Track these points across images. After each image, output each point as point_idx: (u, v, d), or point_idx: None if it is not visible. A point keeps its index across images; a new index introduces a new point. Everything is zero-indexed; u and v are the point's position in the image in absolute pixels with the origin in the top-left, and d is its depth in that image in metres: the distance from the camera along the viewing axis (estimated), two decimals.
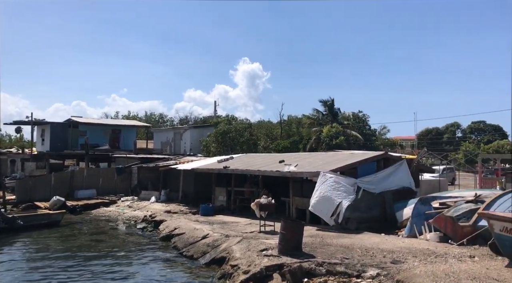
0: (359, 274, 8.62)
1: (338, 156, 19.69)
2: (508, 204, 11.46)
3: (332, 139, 43.29)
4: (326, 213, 14.60)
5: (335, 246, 11.16)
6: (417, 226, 12.90)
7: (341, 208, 14.45)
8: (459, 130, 73.19)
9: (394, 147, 58.77)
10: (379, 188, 15.79)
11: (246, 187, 20.07)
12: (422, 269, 8.19)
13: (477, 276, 7.70)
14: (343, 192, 14.72)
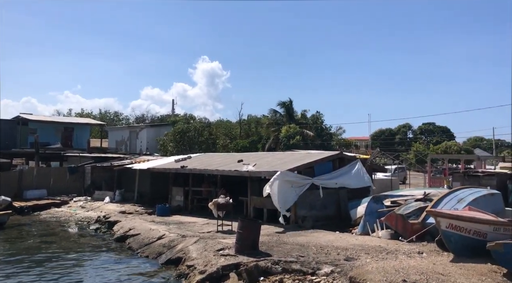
0: (314, 271, 8.79)
1: (296, 156, 19.98)
2: (454, 202, 12.09)
3: (289, 139, 43.87)
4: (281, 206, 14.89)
5: (291, 244, 11.32)
6: (370, 224, 13.32)
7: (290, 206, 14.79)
8: (410, 132, 76.22)
9: (349, 147, 60.32)
10: (338, 185, 16.23)
11: (204, 187, 19.94)
12: (373, 266, 8.46)
13: (424, 271, 8.05)
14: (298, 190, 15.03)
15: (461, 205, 11.62)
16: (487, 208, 11.58)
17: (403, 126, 75.25)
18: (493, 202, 12.56)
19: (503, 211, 12.50)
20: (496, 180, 15.94)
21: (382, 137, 73.43)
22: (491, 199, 12.60)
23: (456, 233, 9.47)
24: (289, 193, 14.98)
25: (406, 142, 71.45)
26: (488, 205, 11.96)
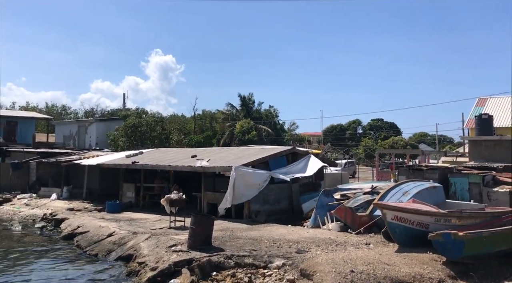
0: (266, 264, 8.93)
1: (250, 151, 20.11)
2: (400, 194, 12.65)
3: (245, 134, 44.04)
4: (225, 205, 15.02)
5: (244, 238, 11.41)
6: (321, 217, 13.67)
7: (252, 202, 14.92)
8: (360, 127, 78.71)
9: (302, 142, 61.49)
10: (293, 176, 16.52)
11: (156, 183, 19.63)
12: (323, 258, 8.71)
13: (371, 262, 8.39)
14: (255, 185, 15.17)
15: (406, 197, 12.18)
16: (430, 200, 12.21)
17: (353, 122, 77.54)
18: (435, 194, 13.26)
19: (444, 202, 13.22)
20: (438, 174, 16.76)
21: (333, 132, 75.33)
22: (433, 192, 13.29)
23: (401, 225, 9.92)
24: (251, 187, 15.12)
25: (356, 137, 73.71)
26: (430, 197, 12.61)
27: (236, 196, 15.13)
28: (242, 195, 15.20)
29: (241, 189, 15.16)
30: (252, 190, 15.24)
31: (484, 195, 15.35)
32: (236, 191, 15.10)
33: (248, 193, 15.24)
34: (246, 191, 15.22)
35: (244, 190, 15.20)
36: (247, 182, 15.26)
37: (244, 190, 15.20)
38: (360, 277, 7.62)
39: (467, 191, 15.81)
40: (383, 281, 7.60)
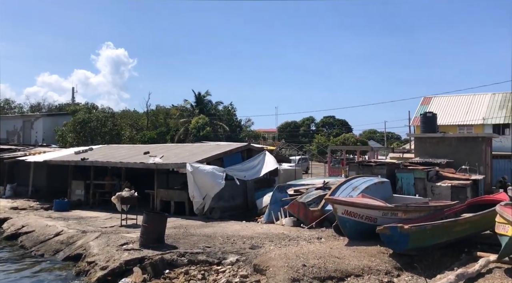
0: (220, 261, 8.93)
1: (205, 147, 19.98)
2: (350, 190, 13.04)
3: (199, 130, 43.66)
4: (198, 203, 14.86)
5: (198, 235, 11.35)
6: (275, 212, 13.85)
7: (208, 198, 14.84)
8: (313, 124, 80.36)
9: (257, 138, 61.83)
10: (248, 175, 16.59)
11: (107, 180, 19.06)
12: (276, 253, 8.83)
13: (322, 255, 8.61)
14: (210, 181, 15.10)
15: (356, 192, 12.58)
16: (378, 194, 12.69)
17: (307, 119, 79.06)
18: (383, 189, 13.80)
19: (391, 197, 13.79)
20: (386, 169, 17.44)
21: (288, 129, 76.41)
22: (381, 187, 13.82)
23: (351, 219, 10.24)
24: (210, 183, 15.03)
25: (310, 133, 75.20)
26: (378, 192, 13.11)
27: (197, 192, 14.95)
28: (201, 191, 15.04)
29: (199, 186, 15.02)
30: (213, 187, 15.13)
31: (428, 190, 16.17)
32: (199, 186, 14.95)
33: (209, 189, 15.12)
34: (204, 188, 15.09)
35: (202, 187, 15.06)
36: (203, 179, 15.15)
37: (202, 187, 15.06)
38: (312, 270, 7.81)
39: (412, 186, 16.57)
40: (334, 274, 7.83)
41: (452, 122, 34.63)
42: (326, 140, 61.24)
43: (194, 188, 14.80)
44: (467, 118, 34.32)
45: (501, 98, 34.83)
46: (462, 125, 34.15)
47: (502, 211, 8.19)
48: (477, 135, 20.70)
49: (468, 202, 13.11)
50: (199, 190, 14.86)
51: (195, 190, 14.82)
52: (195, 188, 14.81)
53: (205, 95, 50.24)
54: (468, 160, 18.73)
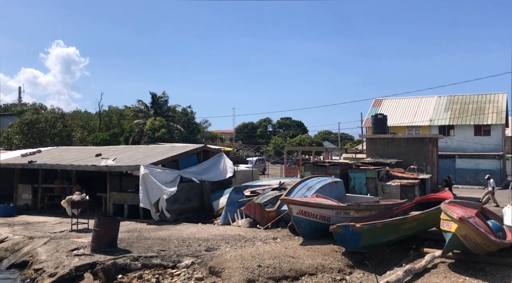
0: (175, 264, 8.82)
1: (159, 149, 19.63)
2: (305, 190, 13.27)
3: (155, 132, 42.83)
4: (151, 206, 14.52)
5: (153, 239, 11.15)
6: (231, 214, 13.84)
7: (162, 201, 14.56)
8: (270, 125, 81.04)
9: (214, 139, 61.54)
10: (204, 177, 16.43)
11: (57, 183, 18.29)
12: (232, 254, 8.84)
13: (277, 255, 8.71)
14: (164, 184, 14.84)
15: (310, 192, 12.81)
16: (332, 194, 13.01)
17: (264, 121, 79.58)
18: (337, 189, 14.15)
19: (344, 196, 14.17)
20: (340, 169, 17.90)
21: (245, 130, 76.58)
22: (335, 186, 14.16)
23: (305, 218, 10.43)
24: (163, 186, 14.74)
25: (267, 135, 75.75)
26: (332, 192, 13.44)
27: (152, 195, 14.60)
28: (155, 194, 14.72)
29: (153, 188, 14.71)
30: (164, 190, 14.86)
31: (379, 189, 16.76)
32: (150, 190, 14.60)
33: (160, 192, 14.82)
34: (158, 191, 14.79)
35: (156, 190, 14.76)
36: (158, 181, 14.85)
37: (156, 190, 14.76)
38: (267, 271, 7.88)
39: (364, 185, 17.11)
40: (289, 273, 7.94)
41: (401, 123, 36.07)
42: (283, 141, 61.94)
43: (146, 191, 14.45)
44: (415, 119, 35.87)
45: (446, 101, 36.71)
46: (410, 126, 35.67)
47: (446, 209, 8.61)
48: (424, 136, 21.66)
49: (416, 200, 13.72)
50: (152, 193, 14.50)
51: (149, 193, 14.47)
52: (147, 191, 14.47)
53: (162, 97, 49.32)
54: (416, 160, 19.60)
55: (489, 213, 11.16)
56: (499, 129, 32.94)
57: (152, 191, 14.54)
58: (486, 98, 35.17)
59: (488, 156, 31.57)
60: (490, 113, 33.32)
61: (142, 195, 14.43)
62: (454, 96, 37.05)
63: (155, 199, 14.62)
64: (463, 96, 36.57)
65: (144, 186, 14.44)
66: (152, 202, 14.50)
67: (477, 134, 33.13)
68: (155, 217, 14.42)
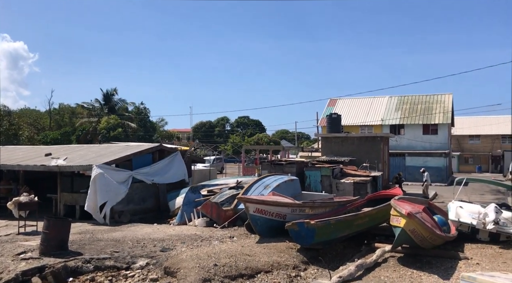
0: (129, 265, 8.63)
1: (113, 148, 19.11)
2: (261, 188, 13.39)
3: (110, 131, 41.69)
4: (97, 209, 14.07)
5: (106, 240, 10.85)
6: (187, 214, 13.72)
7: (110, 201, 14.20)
8: (228, 124, 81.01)
9: (171, 138, 60.73)
10: (156, 179, 16.14)
11: (2, 184, 17.38)
12: (188, 254, 8.76)
13: (233, 254, 8.72)
14: (117, 185, 14.47)
15: (267, 190, 12.95)
16: (288, 192, 13.21)
17: (222, 119, 79.46)
18: (293, 187, 14.38)
19: (300, 194, 14.42)
20: (296, 167, 18.23)
21: (203, 129, 76.08)
22: (291, 184, 14.38)
23: (262, 216, 10.53)
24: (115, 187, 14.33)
25: (225, 133, 75.64)
26: (288, 190, 13.64)
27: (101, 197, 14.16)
28: (108, 195, 14.30)
29: (106, 189, 14.29)
30: (118, 190, 14.49)
31: (334, 186, 17.21)
32: (101, 192, 14.16)
33: (114, 193, 14.43)
34: (112, 191, 14.40)
35: (110, 190, 14.36)
36: (110, 182, 14.46)
37: (110, 190, 14.36)
38: (223, 269, 7.88)
39: (319, 183, 17.52)
40: (244, 271, 7.99)
41: (355, 123, 37.16)
42: (241, 140, 62.07)
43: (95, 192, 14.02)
44: (368, 119, 37.07)
45: (397, 101, 38.19)
46: (363, 125, 36.83)
47: (396, 205, 8.98)
48: (376, 135, 22.48)
49: (367, 197, 14.18)
50: (103, 194, 14.08)
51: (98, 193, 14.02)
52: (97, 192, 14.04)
53: (112, 93, 47.97)
54: (369, 158, 20.29)
55: (436, 208, 11.77)
56: (445, 129, 34.68)
57: (103, 192, 14.12)
58: (434, 99, 36.92)
59: (435, 153, 33.16)
60: (437, 113, 35.01)
61: (89, 197, 13.98)
62: (404, 96, 38.61)
63: (105, 200, 14.19)
64: (412, 96, 38.20)
65: (94, 186, 14.01)
66: (101, 204, 14.08)
67: (425, 133, 34.73)
68: (99, 219, 14.00)
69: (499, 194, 23.96)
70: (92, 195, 14.02)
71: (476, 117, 53.13)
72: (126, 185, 14.67)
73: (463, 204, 11.54)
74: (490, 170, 48.20)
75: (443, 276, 7.80)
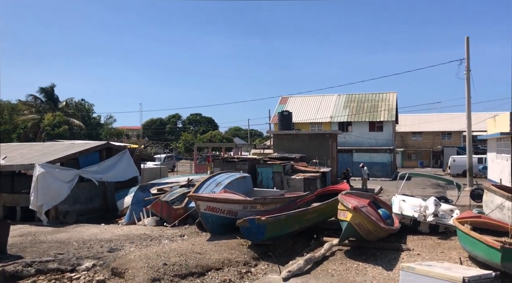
0: (74, 268, 8.31)
1: (57, 146, 18.30)
2: (213, 186, 13.34)
3: (54, 128, 39.85)
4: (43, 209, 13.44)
5: (50, 242, 10.38)
6: (136, 213, 13.41)
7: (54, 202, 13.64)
8: (180, 122, 79.86)
9: (120, 136, 59.02)
10: (105, 177, 15.65)
11: None
12: (136, 254, 8.58)
13: (184, 253, 8.64)
14: (60, 184, 13.88)
15: (219, 188, 12.91)
16: (240, 189, 13.25)
17: (173, 117, 78.15)
18: (245, 184, 14.45)
19: (252, 191, 14.52)
20: (248, 165, 18.32)
21: (153, 127, 74.50)
22: (243, 181, 14.44)
23: (213, 214, 10.49)
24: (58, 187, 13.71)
25: (176, 131, 74.52)
26: (240, 187, 13.69)
27: (42, 197, 13.51)
28: (49, 195, 13.67)
29: (48, 189, 13.65)
30: (60, 190, 13.90)
31: (285, 182, 17.47)
32: (42, 192, 13.51)
33: (56, 193, 13.82)
34: (54, 191, 13.78)
35: (52, 190, 13.73)
36: (54, 181, 13.84)
37: (52, 190, 13.73)
38: (173, 268, 7.79)
39: (271, 179, 17.71)
40: (195, 270, 7.94)
41: (305, 120, 37.91)
42: (193, 137, 61.42)
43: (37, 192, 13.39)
44: (318, 116, 37.94)
45: (345, 99, 39.35)
46: (313, 123, 37.66)
47: (343, 200, 9.28)
48: (325, 132, 23.03)
49: (317, 193, 14.54)
50: (44, 194, 13.47)
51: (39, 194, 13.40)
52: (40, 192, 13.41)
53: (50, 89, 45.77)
54: (318, 154, 20.78)
55: (380, 202, 12.27)
56: (390, 126, 36.19)
57: (44, 192, 13.51)
58: (379, 97, 38.38)
59: (381, 150, 34.54)
60: (382, 111, 36.44)
61: (33, 197, 13.34)
62: (352, 94, 39.86)
63: (47, 200, 13.59)
64: (359, 95, 39.51)
65: (36, 186, 13.37)
66: (41, 204, 13.47)
67: (371, 130, 36.06)
68: (44, 220, 13.41)
69: (439, 187, 25.36)
70: (35, 194, 13.38)
71: (418, 115, 56.05)
72: (72, 184, 14.10)
73: (405, 197, 12.13)
74: (431, 165, 50.91)
75: (387, 267, 8.15)
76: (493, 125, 24.31)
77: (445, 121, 53.01)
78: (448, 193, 19.38)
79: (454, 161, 35.32)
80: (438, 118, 54.58)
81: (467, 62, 22.61)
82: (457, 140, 50.75)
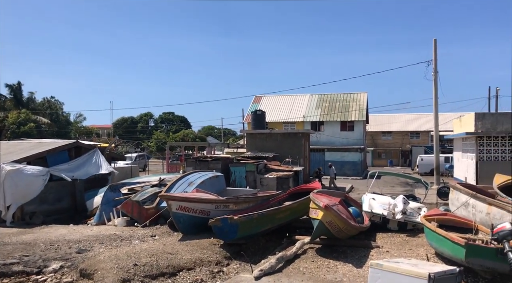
0: (40, 270, 8.07)
1: (24, 145, 17.77)
2: (185, 185, 13.22)
3: (20, 126, 38.59)
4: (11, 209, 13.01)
5: (15, 244, 10.04)
6: (106, 213, 13.15)
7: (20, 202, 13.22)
8: (152, 120, 78.83)
9: (90, 135, 57.74)
10: (77, 174, 15.28)
11: None
12: (106, 255, 8.41)
13: (155, 253, 8.53)
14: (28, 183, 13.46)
15: (191, 187, 12.81)
16: (212, 188, 13.19)
17: (145, 115, 77.08)
18: (217, 183, 14.38)
19: (225, 190, 14.48)
20: (221, 164, 18.27)
21: (124, 125, 73.24)
22: (216, 181, 14.38)
23: (185, 214, 10.39)
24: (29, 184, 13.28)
25: (148, 130, 73.51)
26: (213, 186, 13.62)
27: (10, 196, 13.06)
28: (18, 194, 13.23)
29: (16, 188, 13.21)
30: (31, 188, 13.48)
31: (258, 181, 17.52)
32: (10, 191, 13.06)
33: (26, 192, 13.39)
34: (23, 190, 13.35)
35: (20, 189, 13.29)
36: (20, 182, 13.41)
37: (20, 189, 13.29)
38: (144, 269, 7.68)
39: (244, 178, 17.73)
40: (166, 270, 7.85)
41: (278, 119, 38.13)
42: (166, 136, 60.72)
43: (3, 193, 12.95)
44: (291, 116, 38.22)
45: (317, 99, 39.81)
46: (287, 122, 37.92)
47: (314, 198, 9.37)
48: (298, 132, 23.23)
49: (289, 191, 14.63)
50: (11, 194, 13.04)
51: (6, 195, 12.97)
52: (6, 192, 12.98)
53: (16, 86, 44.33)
54: (291, 153, 20.94)
55: (351, 200, 12.48)
56: (361, 125, 36.85)
57: (14, 191, 13.10)
58: (350, 97, 39.02)
59: (352, 149, 35.13)
60: (353, 111, 37.07)
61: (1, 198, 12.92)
62: (324, 94, 40.36)
63: (14, 200, 13.16)
64: (331, 95, 40.05)
65: (3, 186, 12.93)
66: (9, 204, 13.05)
67: (343, 129, 36.63)
68: (8, 220, 13.00)
69: (407, 186, 26.01)
70: (1, 195, 12.94)
71: (388, 115, 57.26)
72: (42, 183, 13.70)
73: (375, 196, 12.38)
74: (400, 164, 52.16)
75: (357, 264, 8.30)
76: (459, 125, 25.12)
77: (413, 121, 54.40)
78: (416, 191, 19.90)
79: (422, 160, 36.31)
80: (407, 118, 55.96)
81: (434, 63, 23.26)
82: (425, 140, 52.19)
